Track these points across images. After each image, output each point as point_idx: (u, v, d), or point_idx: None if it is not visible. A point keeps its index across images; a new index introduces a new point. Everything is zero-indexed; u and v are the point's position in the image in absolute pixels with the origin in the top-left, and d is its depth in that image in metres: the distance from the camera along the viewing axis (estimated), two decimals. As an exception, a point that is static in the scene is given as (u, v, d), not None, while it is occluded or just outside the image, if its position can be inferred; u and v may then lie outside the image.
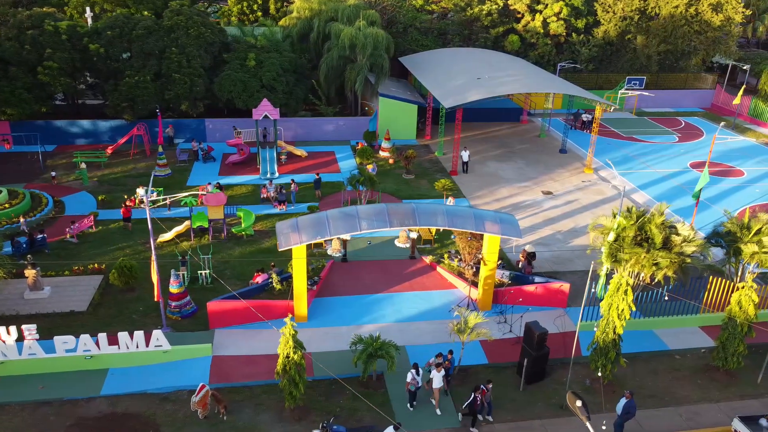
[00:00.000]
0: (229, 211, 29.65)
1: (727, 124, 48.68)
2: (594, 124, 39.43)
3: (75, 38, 38.68)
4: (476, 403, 17.78)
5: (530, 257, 26.41)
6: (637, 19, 52.53)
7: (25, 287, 23.61)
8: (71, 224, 28.04)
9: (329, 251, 23.74)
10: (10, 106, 37.72)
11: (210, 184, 32.50)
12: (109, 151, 38.29)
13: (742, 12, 52.20)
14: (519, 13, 53.01)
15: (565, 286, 23.87)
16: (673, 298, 22.63)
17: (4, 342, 19.21)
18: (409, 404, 18.91)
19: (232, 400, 18.85)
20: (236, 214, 29.98)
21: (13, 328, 19.13)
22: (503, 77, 40.20)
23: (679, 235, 22.47)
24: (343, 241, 26.36)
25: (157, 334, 20.00)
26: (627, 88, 52.87)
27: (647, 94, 52.95)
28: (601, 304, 18.97)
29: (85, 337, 19.54)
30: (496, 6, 52.33)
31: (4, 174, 35.16)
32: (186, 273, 24.65)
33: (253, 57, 40.73)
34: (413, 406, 18.88)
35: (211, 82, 40.57)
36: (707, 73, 57.66)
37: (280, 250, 21.57)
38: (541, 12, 51.63)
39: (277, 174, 36.52)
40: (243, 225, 28.91)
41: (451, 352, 19.80)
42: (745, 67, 52.12)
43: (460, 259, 25.23)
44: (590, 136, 40.22)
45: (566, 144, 43.19)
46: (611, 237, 22.21)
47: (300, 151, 39.71)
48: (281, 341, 17.23)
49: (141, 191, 31.54)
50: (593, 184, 37.30)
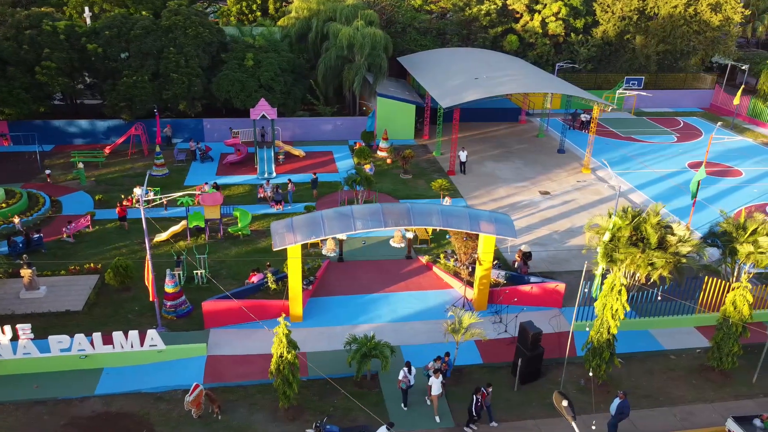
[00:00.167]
0: (225, 211, 29.67)
1: (725, 124, 48.63)
2: (591, 124, 39.39)
3: (73, 38, 38.72)
4: (476, 405, 17.78)
5: (526, 257, 26.38)
6: (635, 19, 52.46)
7: (21, 287, 23.63)
8: (68, 224, 28.08)
9: (324, 251, 23.76)
10: (8, 106, 37.78)
11: (207, 183, 32.54)
12: (107, 150, 38.32)
13: (741, 12, 52.13)
14: (517, 13, 52.97)
15: (561, 286, 23.85)
16: (666, 299, 22.62)
17: (-2, 341, 19.22)
18: (403, 404, 18.91)
19: (227, 400, 18.86)
20: (233, 214, 30.01)
21: (7, 328, 19.15)
22: (501, 77, 40.16)
23: (674, 235, 22.42)
24: (339, 240, 26.43)
25: (152, 334, 20.03)
26: (625, 88, 52.81)
27: (645, 93, 52.90)
28: (596, 304, 18.96)
29: (80, 337, 19.58)
30: (495, 6, 52.28)
31: (1, 174, 35.22)
32: (181, 273, 24.67)
33: (251, 57, 40.72)
34: (407, 405, 18.89)
35: (209, 82, 40.58)
36: (706, 73, 57.56)
37: (275, 250, 21.56)
38: (540, 12, 51.58)
39: (275, 174, 36.55)
40: (239, 225, 28.93)
41: (447, 354, 19.78)
42: (744, 67, 52.03)
43: (456, 259, 25.24)
44: (588, 136, 40.20)
45: (564, 144, 43.15)
46: (607, 237, 22.22)
47: (298, 151, 39.69)
48: (275, 341, 17.23)
49: (138, 191, 31.53)
50: (590, 184, 37.27)
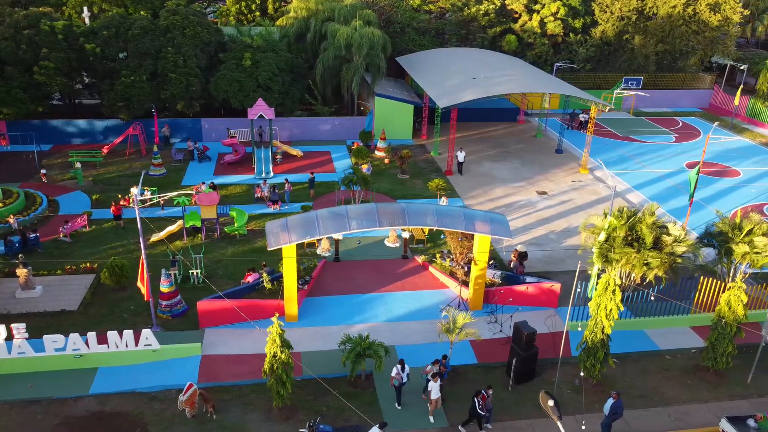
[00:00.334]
0: (222, 211, 29.68)
1: (722, 124, 48.58)
2: (589, 124, 39.36)
3: (71, 38, 38.73)
4: (478, 408, 17.73)
5: (522, 257, 26.37)
6: (634, 19, 52.42)
7: (17, 286, 23.65)
8: (64, 223, 28.10)
9: (318, 251, 23.76)
10: (6, 106, 37.75)
11: (204, 183, 32.55)
12: (105, 150, 38.35)
13: (741, 12, 52.08)
14: (516, 13, 52.94)
15: (556, 286, 23.84)
16: (660, 299, 22.61)
17: (-7, 341, 19.25)
18: (396, 403, 18.92)
19: (221, 400, 18.87)
20: (229, 214, 30.02)
21: (2, 327, 19.15)
22: (499, 77, 40.14)
23: (670, 235, 22.42)
24: (336, 240, 26.44)
25: (147, 333, 20.03)
26: (624, 88, 52.76)
27: (643, 93, 52.85)
28: (590, 304, 18.96)
29: (75, 336, 19.59)
30: (494, 6, 52.26)
31: (-1, 173, 35.33)
32: (177, 272, 24.68)
33: (249, 57, 40.73)
34: (401, 405, 18.89)
35: (207, 82, 40.60)
36: (705, 73, 57.50)
37: (270, 250, 21.57)
38: (539, 12, 51.55)
39: (272, 174, 36.57)
40: (236, 224, 28.94)
41: (445, 356, 19.67)
42: (743, 67, 52.00)
43: (452, 259, 25.23)
44: (586, 136, 40.19)
45: (562, 144, 43.13)
46: (602, 237, 22.20)
47: (296, 151, 39.70)
48: (268, 340, 17.24)
49: (135, 191, 31.51)
50: (586, 184, 37.25)
